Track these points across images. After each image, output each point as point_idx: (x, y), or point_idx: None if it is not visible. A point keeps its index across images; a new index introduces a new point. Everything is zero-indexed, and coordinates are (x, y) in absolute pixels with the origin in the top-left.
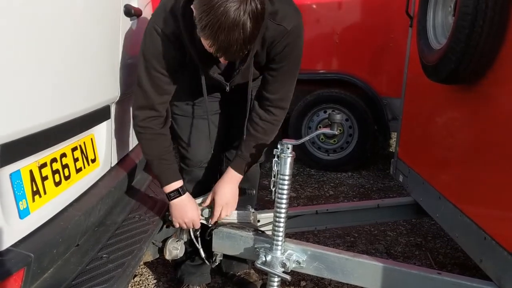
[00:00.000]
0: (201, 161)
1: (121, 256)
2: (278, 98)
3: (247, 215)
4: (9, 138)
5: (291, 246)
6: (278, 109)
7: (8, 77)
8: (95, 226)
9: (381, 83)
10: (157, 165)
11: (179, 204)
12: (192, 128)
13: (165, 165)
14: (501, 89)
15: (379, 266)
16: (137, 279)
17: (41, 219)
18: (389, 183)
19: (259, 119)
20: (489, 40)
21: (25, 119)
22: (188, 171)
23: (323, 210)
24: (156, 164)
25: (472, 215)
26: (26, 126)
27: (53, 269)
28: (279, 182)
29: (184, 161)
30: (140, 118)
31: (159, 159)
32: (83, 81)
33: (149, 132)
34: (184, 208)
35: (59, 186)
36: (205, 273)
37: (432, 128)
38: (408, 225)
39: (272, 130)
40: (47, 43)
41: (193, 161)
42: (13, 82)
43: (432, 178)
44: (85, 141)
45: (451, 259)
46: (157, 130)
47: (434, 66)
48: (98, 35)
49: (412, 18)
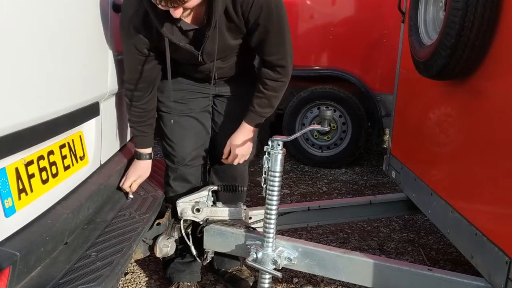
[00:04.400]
0: (185, 158)
1: (110, 254)
2: (278, 58)
3: (239, 212)
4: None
5: (282, 243)
6: (282, 67)
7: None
8: (84, 224)
9: (374, 79)
10: (134, 131)
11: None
12: (175, 125)
13: (140, 132)
14: (491, 85)
15: (370, 263)
16: (129, 277)
17: (27, 217)
18: (382, 180)
19: (267, 78)
20: (480, 36)
21: (10, 116)
22: (173, 169)
23: (315, 206)
24: (133, 130)
25: (463, 211)
26: (10, 123)
27: (40, 267)
28: (269, 179)
29: (169, 157)
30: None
31: (136, 127)
32: (71, 77)
33: (128, 102)
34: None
35: (47, 184)
36: (195, 271)
37: (424, 124)
38: (401, 221)
39: (281, 86)
40: (33, 39)
41: (177, 157)
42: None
43: (424, 174)
44: (73, 138)
45: (443, 255)
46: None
47: (425, 62)
48: (86, 31)
49: (404, 14)
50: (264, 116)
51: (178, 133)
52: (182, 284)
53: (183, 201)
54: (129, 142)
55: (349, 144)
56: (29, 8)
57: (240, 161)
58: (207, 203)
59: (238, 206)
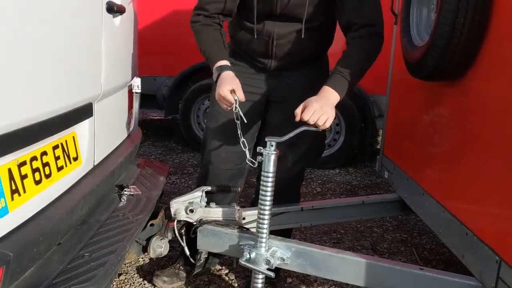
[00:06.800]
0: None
1: (103, 255)
2: (366, 17)
3: (232, 212)
4: None
5: (276, 243)
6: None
7: None
8: (77, 225)
9: (367, 80)
10: (205, 51)
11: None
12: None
13: (211, 49)
14: (482, 86)
15: (362, 262)
16: (122, 278)
17: (20, 218)
18: (376, 180)
19: (353, 39)
20: (470, 37)
21: (2, 117)
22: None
23: (308, 207)
24: (204, 51)
25: (454, 211)
26: (3, 124)
27: (33, 268)
28: (263, 179)
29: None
30: (193, 15)
31: (206, 47)
32: (64, 78)
33: (197, 24)
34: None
35: (40, 184)
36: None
37: (416, 125)
38: (394, 221)
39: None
40: (26, 39)
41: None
42: None
43: (416, 174)
44: (66, 139)
45: (436, 254)
46: (204, 22)
47: (416, 63)
48: (79, 32)
49: (397, 16)
50: (349, 80)
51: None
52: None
53: (177, 202)
54: (123, 143)
55: (343, 145)
56: (21, 8)
57: (320, 120)
58: (201, 203)
59: (231, 207)
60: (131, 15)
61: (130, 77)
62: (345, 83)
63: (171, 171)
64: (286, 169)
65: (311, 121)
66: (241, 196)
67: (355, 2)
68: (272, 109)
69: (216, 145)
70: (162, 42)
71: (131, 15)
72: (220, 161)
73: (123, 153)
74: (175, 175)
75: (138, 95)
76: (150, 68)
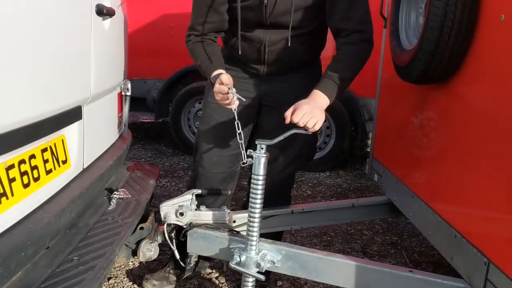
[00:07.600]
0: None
1: (92, 259)
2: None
3: (222, 215)
4: None
5: (266, 246)
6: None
7: None
8: (66, 228)
9: (357, 84)
10: (200, 66)
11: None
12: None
13: (206, 63)
14: (470, 89)
15: (352, 265)
16: (112, 282)
17: (8, 221)
18: (366, 183)
19: (343, 44)
20: (458, 41)
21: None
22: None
23: (299, 210)
24: (199, 66)
25: (443, 214)
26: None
27: (21, 272)
28: (253, 182)
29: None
30: (186, 35)
31: (201, 62)
32: (53, 81)
33: (190, 42)
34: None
35: (28, 188)
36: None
37: (405, 128)
38: (384, 224)
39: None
40: (14, 41)
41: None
42: None
43: (405, 177)
44: (55, 142)
45: (425, 257)
46: (197, 40)
47: (405, 67)
48: (68, 34)
49: (386, 19)
50: (339, 84)
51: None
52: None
53: (167, 205)
54: (113, 147)
55: (333, 148)
56: (9, 11)
57: (309, 123)
58: (191, 206)
59: (222, 210)
60: (120, 17)
61: (120, 80)
62: (334, 87)
63: (161, 174)
64: (277, 172)
65: (301, 123)
66: (232, 199)
67: (345, 8)
68: (265, 113)
69: (208, 149)
70: (152, 45)
71: (121, 18)
72: (212, 165)
73: (112, 156)
74: (165, 178)
75: (128, 98)
76: (140, 71)
